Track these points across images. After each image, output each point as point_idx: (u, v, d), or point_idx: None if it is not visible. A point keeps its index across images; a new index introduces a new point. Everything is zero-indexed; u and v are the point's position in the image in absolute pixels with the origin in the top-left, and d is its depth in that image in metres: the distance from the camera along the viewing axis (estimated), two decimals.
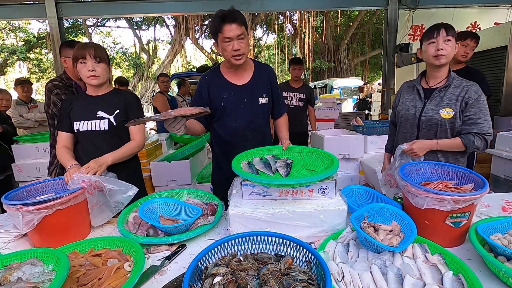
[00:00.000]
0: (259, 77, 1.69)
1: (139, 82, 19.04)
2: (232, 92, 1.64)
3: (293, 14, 15.24)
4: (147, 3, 5.54)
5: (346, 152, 3.07)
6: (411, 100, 1.68)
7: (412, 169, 1.29)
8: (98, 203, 1.31)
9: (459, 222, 1.03)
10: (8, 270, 0.89)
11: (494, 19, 6.17)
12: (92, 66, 1.48)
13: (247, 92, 1.66)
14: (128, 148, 1.59)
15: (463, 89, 1.52)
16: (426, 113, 1.59)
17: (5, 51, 15.51)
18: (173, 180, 2.94)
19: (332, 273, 0.85)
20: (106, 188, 1.27)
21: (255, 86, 1.68)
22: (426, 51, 1.54)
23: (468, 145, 1.47)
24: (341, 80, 13.93)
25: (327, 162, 1.33)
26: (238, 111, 1.65)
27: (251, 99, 1.67)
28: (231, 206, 1.16)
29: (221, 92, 1.64)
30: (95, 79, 1.51)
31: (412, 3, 5.77)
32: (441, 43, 1.48)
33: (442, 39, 1.48)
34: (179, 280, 0.92)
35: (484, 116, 1.49)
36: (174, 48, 16.97)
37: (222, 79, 1.65)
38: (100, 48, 1.53)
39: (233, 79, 1.66)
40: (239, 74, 1.66)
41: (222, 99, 1.63)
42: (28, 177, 3.06)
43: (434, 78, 1.60)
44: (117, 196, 1.31)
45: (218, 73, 1.67)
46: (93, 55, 1.47)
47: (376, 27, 16.44)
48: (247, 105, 1.66)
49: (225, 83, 1.65)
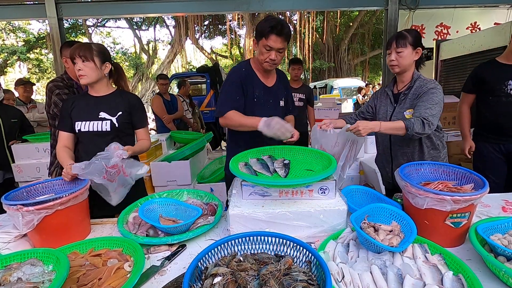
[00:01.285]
0: (280, 82, 1.81)
1: (139, 82, 19.03)
2: (262, 91, 1.71)
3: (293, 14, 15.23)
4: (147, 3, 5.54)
5: None
6: (385, 105, 1.78)
7: (412, 169, 1.29)
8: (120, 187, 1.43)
9: (459, 222, 1.03)
10: (8, 270, 0.89)
11: (494, 19, 6.17)
12: (80, 65, 1.49)
13: (273, 93, 1.75)
14: (142, 146, 1.66)
15: (422, 88, 1.61)
16: (394, 116, 1.69)
17: (5, 51, 15.51)
18: (173, 180, 2.93)
19: (332, 273, 0.85)
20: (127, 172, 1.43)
21: (278, 89, 1.79)
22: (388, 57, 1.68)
23: (408, 127, 1.47)
24: (341, 80, 13.92)
25: (324, 162, 1.33)
26: (264, 110, 1.70)
27: (275, 101, 1.77)
28: (231, 206, 1.16)
29: (254, 89, 1.69)
30: (82, 78, 1.52)
31: (412, 3, 5.76)
32: (393, 54, 1.62)
33: (394, 50, 1.62)
34: (179, 280, 0.92)
35: (431, 105, 1.52)
36: (174, 49, 16.97)
37: (256, 77, 1.71)
38: (88, 47, 1.51)
39: (263, 79, 1.74)
40: (267, 75, 1.75)
41: (255, 96, 1.69)
42: (28, 178, 3.05)
43: (401, 82, 1.73)
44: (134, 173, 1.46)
45: (251, 70, 1.72)
46: (79, 54, 1.48)
47: (376, 27, 16.45)
48: (271, 106, 1.74)
49: (257, 81, 1.71)
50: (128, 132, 1.65)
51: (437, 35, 6.39)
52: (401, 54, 1.60)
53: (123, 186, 1.45)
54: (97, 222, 1.41)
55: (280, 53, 1.58)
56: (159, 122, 4.43)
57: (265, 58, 1.59)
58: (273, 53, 1.56)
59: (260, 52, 1.59)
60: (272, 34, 1.51)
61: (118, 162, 1.38)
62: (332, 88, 13.40)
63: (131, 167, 1.46)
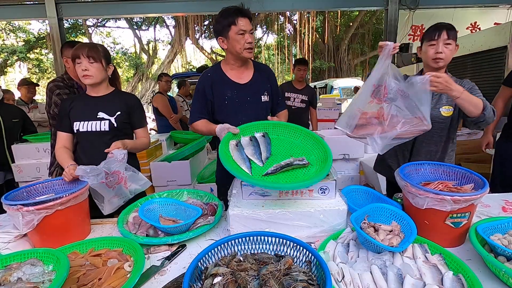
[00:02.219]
0: (259, 76, 1.72)
1: (139, 82, 19.03)
2: (235, 90, 1.66)
3: (293, 14, 15.23)
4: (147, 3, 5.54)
5: (346, 152, 3.07)
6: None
7: (412, 169, 1.29)
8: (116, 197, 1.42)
9: (459, 222, 1.03)
10: (8, 270, 0.89)
11: (494, 19, 6.17)
12: (85, 65, 1.48)
13: (250, 90, 1.68)
14: (142, 142, 1.68)
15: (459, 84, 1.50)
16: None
17: (5, 51, 15.51)
18: (173, 181, 2.93)
19: (332, 273, 0.85)
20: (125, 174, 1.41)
21: (256, 85, 1.70)
22: (425, 52, 1.53)
23: (486, 108, 1.35)
24: (341, 80, 13.91)
25: (320, 153, 1.30)
26: (242, 109, 1.66)
27: (255, 97, 1.69)
28: (231, 206, 1.16)
29: (224, 90, 1.65)
30: (88, 79, 1.51)
31: (412, 3, 5.77)
32: (441, 46, 1.46)
33: (442, 41, 1.46)
34: (179, 280, 0.92)
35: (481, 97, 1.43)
36: (174, 48, 16.96)
37: (225, 77, 1.66)
38: (95, 47, 1.52)
39: (236, 77, 1.67)
40: (241, 72, 1.68)
41: (225, 97, 1.64)
42: (28, 178, 3.05)
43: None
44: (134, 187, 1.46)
45: (220, 71, 1.68)
46: (86, 54, 1.48)
47: (376, 27, 16.44)
48: (251, 103, 1.68)
49: (228, 81, 1.66)
50: (126, 132, 1.65)
51: None
52: (450, 47, 1.46)
53: (119, 197, 1.44)
54: (97, 222, 1.41)
55: (252, 35, 1.55)
56: (161, 121, 4.38)
57: (242, 44, 1.53)
58: (247, 35, 1.53)
59: (236, 41, 1.53)
60: (239, 17, 1.49)
61: (120, 168, 1.37)
62: (332, 88, 13.39)
63: (132, 181, 1.47)
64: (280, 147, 1.36)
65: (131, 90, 17.69)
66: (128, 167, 1.44)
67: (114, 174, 1.36)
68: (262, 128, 1.44)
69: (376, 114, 1.32)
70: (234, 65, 1.66)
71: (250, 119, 1.64)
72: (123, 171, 1.40)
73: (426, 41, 1.52)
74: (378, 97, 1.31)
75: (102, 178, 1.31)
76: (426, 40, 1.52)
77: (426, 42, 1.53)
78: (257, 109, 1.68)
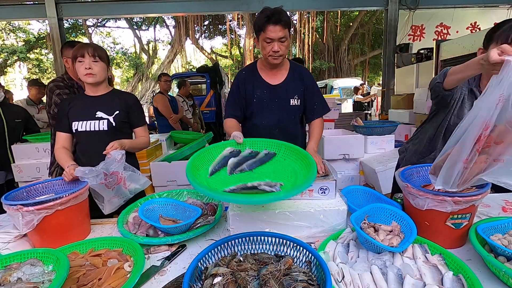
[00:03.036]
0: (293, 78, 1.70)
1: (139, 82, 19.04)
2: (265, 90, 1.67)
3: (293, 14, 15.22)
4: (147, 3, 5.54)
5: (346, 152, 3.07)
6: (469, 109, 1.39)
7: (412, 172, 1.28)
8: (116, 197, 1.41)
9: (460, 223, 1.03)
10: (8, 270, 0.89)
11: (494, 19, 6.17)
12: (89, 64, 1.48)
13: (279, 92, 1.68)
14: (141, 141, 1.67)
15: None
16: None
17: (5, 51, 15.51)
18: (173, 181, 2.93)
19: (332, 273, 0.85)
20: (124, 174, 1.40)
21: (288, 87, 1.68)
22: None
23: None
24: (341, 80, 13.91)
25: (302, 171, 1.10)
26: (268, 109, 1.67)
27: (283, 99, 1.69)
28: (231, 206, 1.16)
29: (255, 89, 1.67)
30: (91, 77, 1.51)
31: (412, 3, 5.78)
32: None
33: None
34: (179, 280, 0.92)
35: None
36: (174, 48, 16.97)
37: (258, 77, 1.69)
38: (99, 47, 1.54)
39: (268, 78, 1.68)
40: (274, 73, 1.69)
41: (255, 97, 1.67)
42: (28, 178, 3.05)
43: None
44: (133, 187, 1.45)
45: (255, 70, 1.70)
46: (91, 53, 1.48)
47: (376, 28, 16.44)
48: (278, 105, 1.68)
49: (259, 81, 1.68)
50: (125, 131, 1.65)
51: (437, 35, 6.40)
52: None
53: (119, 197, 1.44)
54: (97, 222, 1.41)
55: (282, 43, 1.51)
56: (162, 121, 4.38)
57: (268, 52, 1.53)
58: (275, 44, 1.50)
59: (262, 47, 1.54)
60: (269, 25, 1.45)
61: (118, 169, 1.37)
62: (332, 88, 13.40)
63: (132, 181, 1.46)
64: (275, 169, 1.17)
65: (131, 90, 17.70)
66: (127, 166, 1.44)
67: (113, 175, 1.36)
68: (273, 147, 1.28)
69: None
70: (266, 66, 1.68)
71: (273, 119, 1.69)
72: (121, 171, 1.40)
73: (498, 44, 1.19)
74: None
75: (101, 179, 1.31)
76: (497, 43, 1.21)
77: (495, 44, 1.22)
78: (282, 111, 1.67)
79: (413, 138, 1.79)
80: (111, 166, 1.34)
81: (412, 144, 1.77)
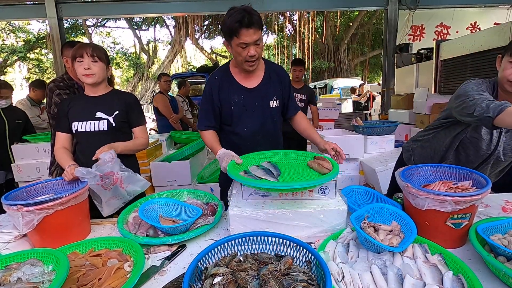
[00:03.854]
0: (269, 78, 1.60)
1: (139, 82, 19.04)
2: (242, 95, 1.55)
3: (293, 14, 15.24)
4: (147, 3, 5.54)
5: (346, 152, 3.06)
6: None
7: (412, 172, 1.28)
8: (114, 198, 1.38)
9: (460, 223, 1.03)
10: (8, 270, 0.89)
11: (494, 19, 6.18)
12: (88, 64, 1.48)
13: (258, 95, 1.58)
14: (137, 143, 1.64)
15: None
16: (500, 147, 1.34)
17: (5, 51, 15.51)
18: (173, 181, 2.93)
19: (332, 273, 0.85)
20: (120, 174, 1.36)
21: (265, 89, 1.59)
22: (503, 69, 1.22)
23: None
24: (341, 80, 13.91)
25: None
26: (249, 115, 1.57)
27: (262, 102, 1.58)
28: (231, 206, 1.16)
29: (231, 95, 1.55)
30: (90, 78, 1.50)
31: (412, 3, 5.78)
32: None
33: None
34: (179, 280, 0.92)
35: None
36: (174, 48, 16.97)
37: (233, 81, 1.57)
38: (98, 47, 1.54)
39: (244, 81, 1.57)
40: (250, 75, 1.58)
41: (232, 103, 1.55)
42: (28, 178, 3.06)
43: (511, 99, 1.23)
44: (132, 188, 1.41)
45: (228, 74, 1.58)
46: (90, 53, 1.48)
47: (376, 27, 16.44)
48: (258, 109, 1.57)
49: (235, 85, 1.56)
50: (125, 131, 1.65)
51: (437, 35, 6.41)
52: None
53: (117, 198, 1.41)
54: (97, 222, 1.41)
55: (258, 46, 1.40)
56: (162, 121, 4.38)
57: (244, 57, 1.41)
58: (251, 48, 1.38)
59: (237, 52, 1.41)
60: (242, 29, 1.33)
61: (112, 169, 1.33)
62: (332, 88, 13.40)
63: (129, 182, 1.42)
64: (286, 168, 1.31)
65: (131, 90, 17.70)
66: (123, 168, 1.41)
67: (108, 176, 1.34)
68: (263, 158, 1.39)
69: None
70: (240, 70, 1.57)
71: (256, 125, 1.59)
72: (116, 171, 1.36)
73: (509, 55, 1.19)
74: None
75: (98, 180, 1.29)
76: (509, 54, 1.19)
77: (508, 57, 1.20)
78: (264, 115, 1.59)
79: (421, 139, 1.69)
80: (104, 167, 1.31)
81: (420, 146, 1.69)
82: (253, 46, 1.38)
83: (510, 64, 1.18)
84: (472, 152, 1.40)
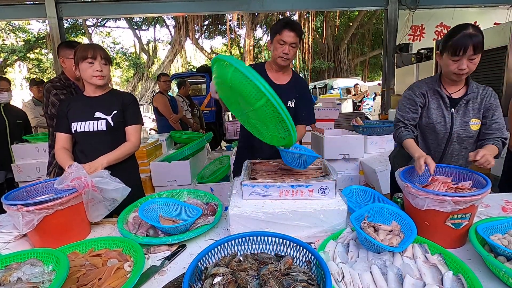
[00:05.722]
0: (294, 83, 1.87)
1: (139, 82, 19.04)
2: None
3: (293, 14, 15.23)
4: (147, 3, 5.54)
5: (346, 152, 3.07)
6: (439, 109, 1.51)
7: (412, 172, 1.28)
8: (92, 201, 1.28)
9: (460, 223, 1.03)
10: (8, 270, 0.89)
11: (494, 19, 6.17)
12: (100, 66, 1.51)
13: (282, 92, 1.71)
14: (124, 149, 1.58)
15: (481, 96, 1.45)
16: (457, 125, 1.47)
17: (5, 51, 15.51)
18: (173, 181, 2.93)
19: (332, 273, 0.85)
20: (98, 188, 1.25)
21: (288, 89, 1.84)
22: (447, 65, 1.39)
23: (500, 150, 1.36)
24: (341, 80, 13.90)
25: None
26: None
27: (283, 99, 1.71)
28: (231, 206, 1.16)
29: None
30: (102, 80, 1.54)
31: (412, 3, 5.78)
32: (465, 62, 1.32)
33: (467, 57, 1.31)
34: (179, 280, 0.92)
35: (503, 121, 1.44)
36: (174, 48, 16.97)
37: (265, 76, 1.81)
38: (105, 50, 1.58)
39: (274, 78, 1.82)
40: (280, 75, 1.84)
41: None
42: (28, 177, 3.05)
43: (455, 85, 1.48)
44: (110, 194, 1.30)
45: (263, 70, 1.84)
46: (103, 56, 1.52)
47: (376, 27, 16.45)
48: None
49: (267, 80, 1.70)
50: (124, 131, 1.64)
51: (437, 35, 6.41)
52: (475, 61, 1.32)
53: (98, 202, 1.30)
54: (97, 222, 1.41)
55: (293, 48, 1.69)
56: (162, 121, 4.37)
57: (279, 52, 1.69)
58: (287, 47, 1.67)
59: (275, 48, 1.71)
60: (285, 29, 1.64)
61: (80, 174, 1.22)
62: (332, 88, 13.40)
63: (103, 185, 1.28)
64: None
65: (131, 90, 17.71)
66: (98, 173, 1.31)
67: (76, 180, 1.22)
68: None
69: None
70: (273, 68, 1.82)
71: None
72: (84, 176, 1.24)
73: (449, 54, 1.36)
74: None
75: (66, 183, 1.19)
76: (448, 53, 1.36)
77: (448, 55, 1.37)
78: None
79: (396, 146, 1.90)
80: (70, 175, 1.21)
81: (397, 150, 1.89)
82: (289, 46, 1.68)
83: (451, 61, 1.36)
84: (433, 136, 1.56)
